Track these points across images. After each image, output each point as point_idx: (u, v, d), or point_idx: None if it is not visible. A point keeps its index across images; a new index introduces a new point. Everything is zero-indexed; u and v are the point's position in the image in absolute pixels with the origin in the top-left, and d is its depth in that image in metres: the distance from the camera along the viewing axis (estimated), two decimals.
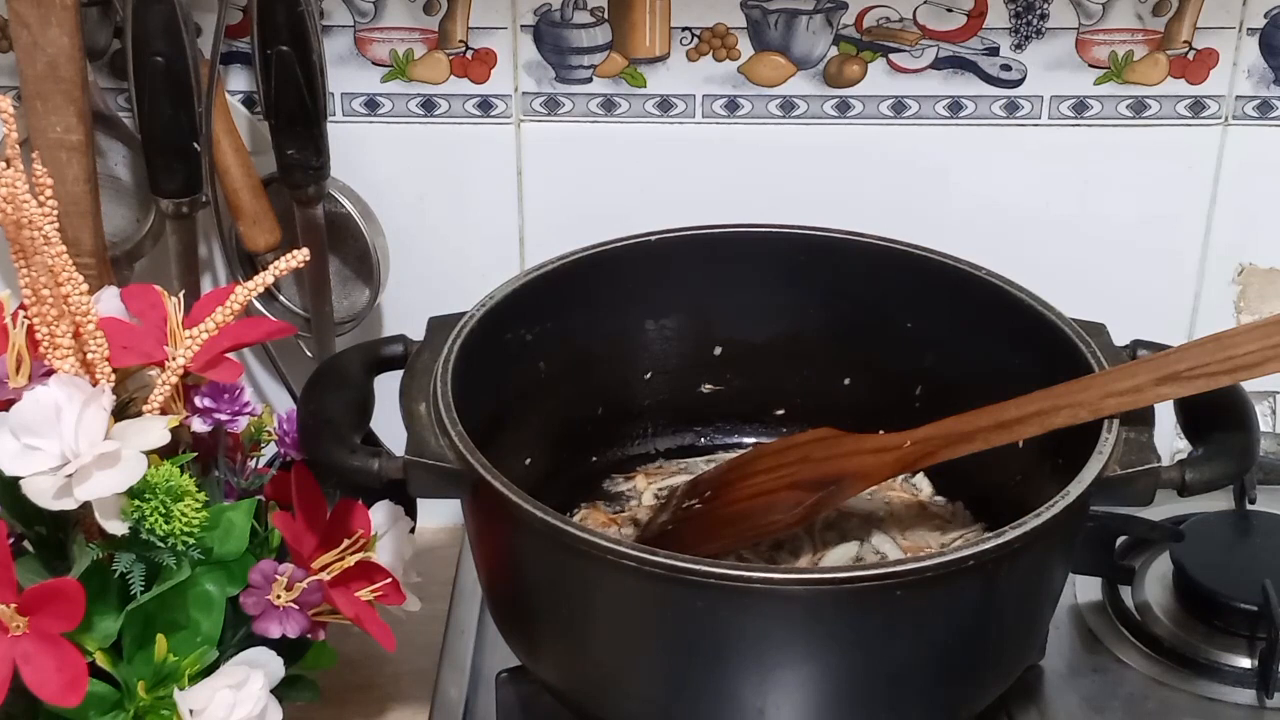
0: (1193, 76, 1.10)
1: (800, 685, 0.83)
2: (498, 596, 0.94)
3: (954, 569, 0.78)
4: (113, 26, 1.04)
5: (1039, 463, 0.92)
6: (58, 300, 0.82)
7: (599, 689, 0.89)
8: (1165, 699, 1.00)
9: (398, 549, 0.93)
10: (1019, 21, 1.08)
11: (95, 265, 1.02)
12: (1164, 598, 1.06)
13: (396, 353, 0.96)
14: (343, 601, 0.87)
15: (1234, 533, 1.10)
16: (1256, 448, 0.91)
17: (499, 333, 0.97)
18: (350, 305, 1.15)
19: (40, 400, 0.79)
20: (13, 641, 0.77)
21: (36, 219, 0.80)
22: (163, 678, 0.82)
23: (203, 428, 0.88)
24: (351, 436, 0.89)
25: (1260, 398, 1.18)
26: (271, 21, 1.02)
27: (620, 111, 1.11)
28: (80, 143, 1.00)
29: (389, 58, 1.10)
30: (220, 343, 0.87)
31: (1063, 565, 0.91)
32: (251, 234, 1.09)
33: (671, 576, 0.78)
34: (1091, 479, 0.83)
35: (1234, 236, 1.14)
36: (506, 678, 0.98)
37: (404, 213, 1.13)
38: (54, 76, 0.98)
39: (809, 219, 1.05)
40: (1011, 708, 0.98)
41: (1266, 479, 1.14)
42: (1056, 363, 0.93)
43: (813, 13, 1.08)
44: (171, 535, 0.80)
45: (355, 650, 0.96)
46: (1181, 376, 0.86)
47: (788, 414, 1.10)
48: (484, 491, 0.83)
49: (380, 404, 0.95)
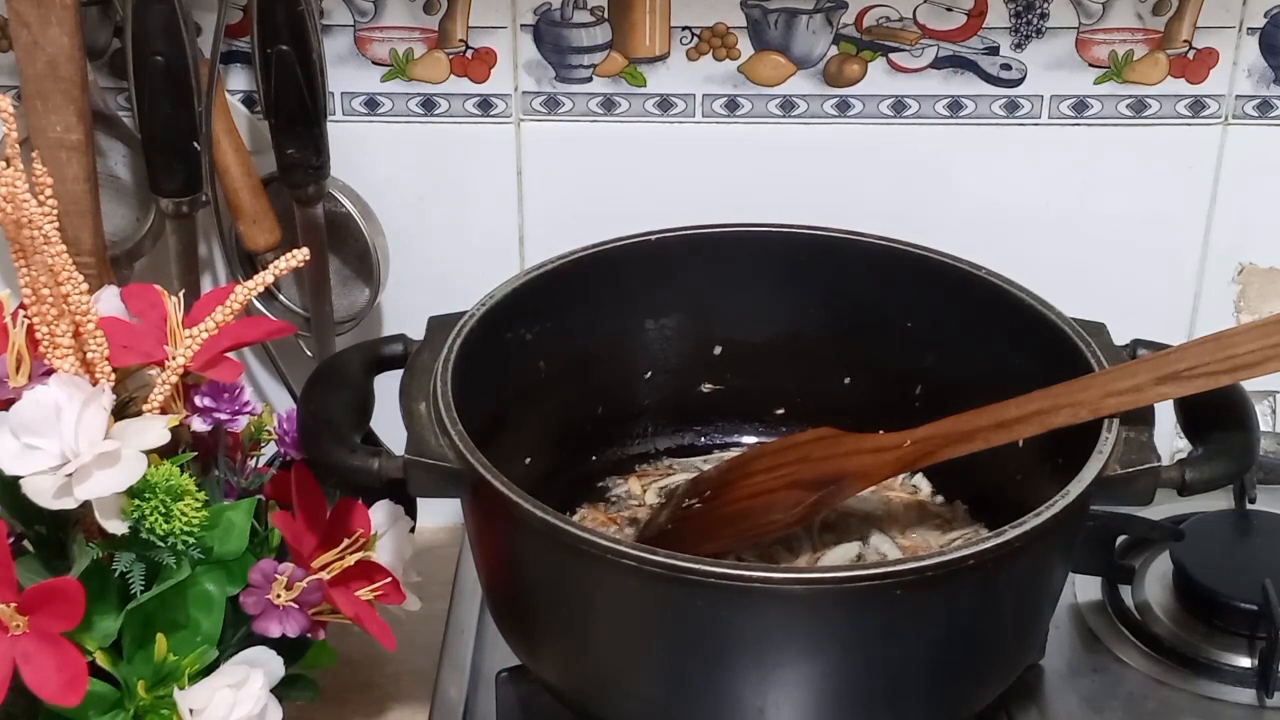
0: (1193, 76, 1.10)
1: (800, 685, 0.83)
2: (498, 596, 0.94)
3: (954, 569, 0.78)
4: (112, 26, 1.04)
5: (1039, 462, 0.92)
6: (58, 300, 0.82)
7: (599, 689, 0.89)
8: (1165, 699, 1.00)
9: (398, 548, 0.93)
10: (1019, 21, 1.08)
11: (95, 265, 1.02)
12: (1164, 597, 1.06)
13: (396, 352, 0.96)
14: (342, 601, 0.87)
15: (1234, 532, 1.10)
16: (1256, 447, 0.91)
17: (499, 332, 0.97)
18: (350, 305, 1.14)
19: (40, 400, 0.79)
20: (13, 641, 0.77)
21: (36, 218, 0.80)
22: (163, 677, 0.82)
23: (202, 427, 0.88)
24: (351, 436, 0.89)
25: (1260, 397, 1.18)
26: (271, 21, 1.02)
27: (620, 111, 1.11)
28: (80, 142, 1.00)
29: (389, 57, 1.10)
30: (220, 342, 0.87)
31: (1063, 565, 0.91)
32: (251, 233, 1.09)
33: (671, 576, 0.78)
34: (1091, 478, 0.83)
35: (1234, 236, 1.14)
36: (506, 677, 0.98)
37: (404, 212, 1.13)
38: (54, 76, 0.98)
39: (809, 219, 1.05)
40: (1011, 707, 0.98)
41: (1266, 479, 1.14)
42: (1056, 362, 0.92)
43: (813, 12, 1.08)
44: (171, 535, 0.80)
45: (355, 650, 0.96)
46: (1181, 376, 0.86)
47: (788, 414, 1.10)
48: (484, 491, 0.83)
49: (380, 404, 0.95)
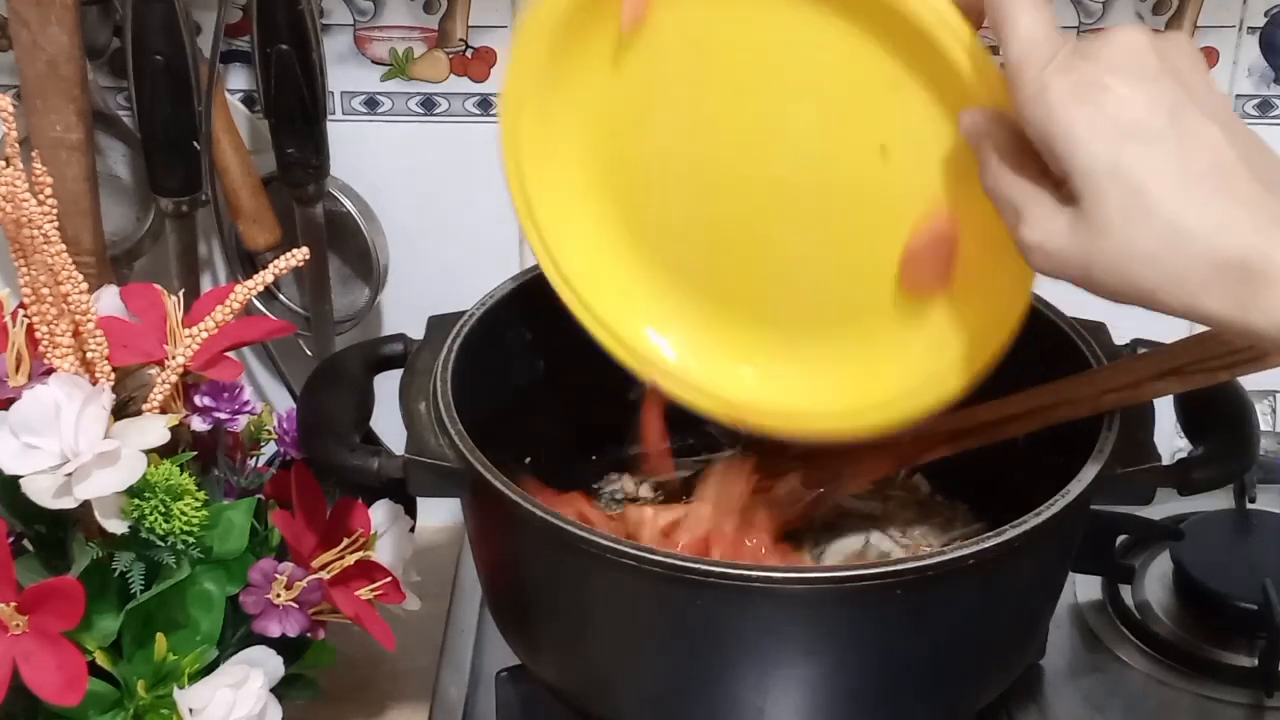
0: None
1: (800, 684, 0.83)
2: (498, 595, 0.94)
3: (954, 568, 0.78)
4: (112, 25, 1.04)
5: (1039, 461, 0.92)
6: (57, 299, 0.82)
7: (599, 689, 0.89)
8: (1165, 698, 1.00)
9: (397, 548, 0.93)
10: None
11: (95, 264, 1.02)
12: (1164, 597, 1.06)
13: (396, 352, 0.96)
14: (342, 600, 0.87)
15: (1234, 532, 1.10)
16: (1256, 446, 0.91)
17: (499, 332, 0.97)
18: (350, 304, 1.15)
19: (40, 399, 0.79)
20: (12, 640, 0.77)
21: (36, 218, 0.80)
22: (162, 676, 0.82)
23: (202, 426, 0.88)
24: (351, 435, 0.89)
25: (1260, 396, 1.18)
26: (271, 20, 1.02)
27: None
28: (80, 141, 1.00)
29: (389, 56, 1.09)
30: (220, 341, 0.87)
31: (1063, 564, 0.91)
32: (251, 233, 1.09)
33: (671, 576, 0.78)
34: (1092, 478, 0.83)
35: None
36: (506, 677, 0.98)
37: (404, 212, 1.13)
38: (54, 75, 0.98)
39: None
40: (1011, 707, 0.98)
41: (1266, 478, 1.14)
42: (1056, 361, 0.92)
43: None
44: (171, 534, 0.80)
45: (355, 649, 0.96)
46: (1180, 372, 0.86)
47: None
48: (484, 490, 0.83)
49: (380, 403, 0.95)
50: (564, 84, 0.83)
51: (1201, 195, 0.60)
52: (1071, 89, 0.62)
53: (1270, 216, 0.59)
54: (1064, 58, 0.63)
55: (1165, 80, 0.62)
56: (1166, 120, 0.61)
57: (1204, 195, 0.60)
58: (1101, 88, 0.62)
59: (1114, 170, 0.61)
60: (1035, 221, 0.64)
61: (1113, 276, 0.62)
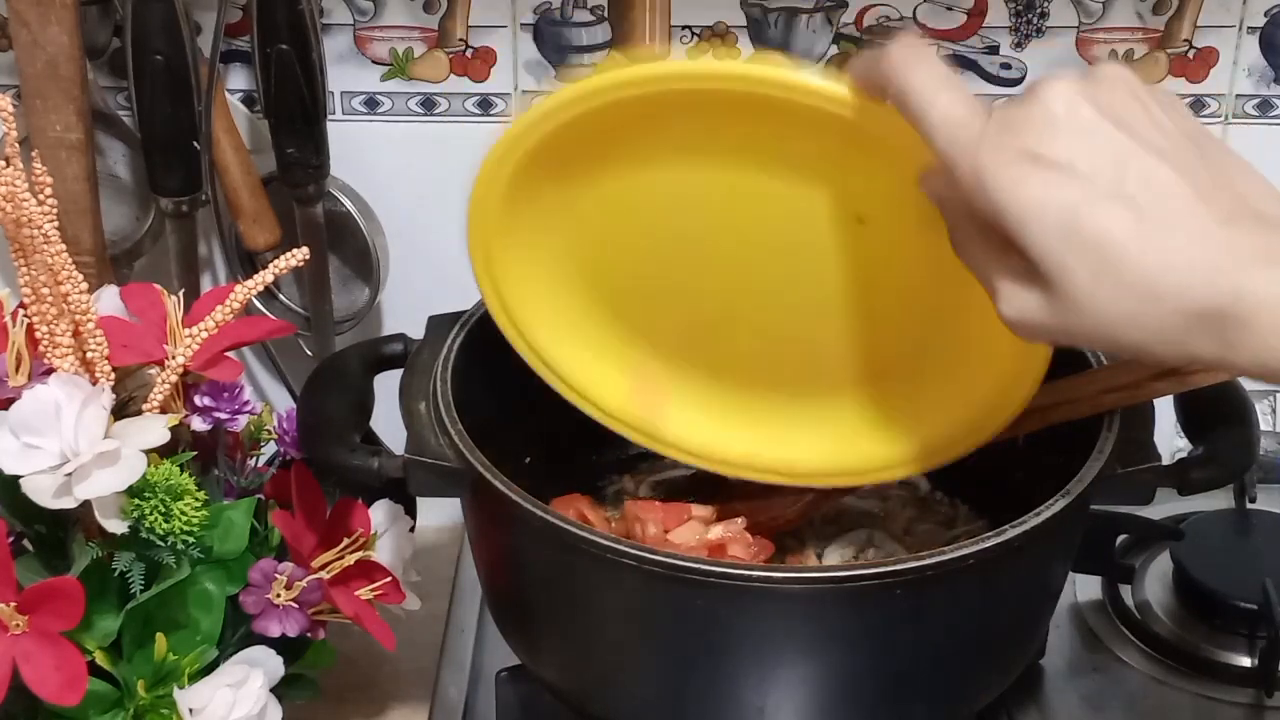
0: (1193, 75, 1.10)
1: (800, 684, 0.83)
2: (498, 595, 0.94)
3: (954, 568, 0.78)
4: (112, 25, 1.04)
5: (1039, 460, 0.92)
6: (57, 299, 0.82)
7: (599, 689, 0.89)
8: (1165, 698, 1.00)
9: (397, 548, 0.93)
10: (1019, 20, 1.08)
11: (95, 264, 1.02)
12: (1164, 597, 1.06)
13: (396, 351, 0.96)
14: (342, 600, 0.87)
15: (1234, 532, 1.10)
16: (1256, 446, 0.91)
17: (499, 331, 0.97)
18: (350, 304, 1.15)
19: (40, 399, 0.79)
20: (12, 640, 0.77)
21: (36, 217, 0.80)
22: (162, 676, 0.82)
23: (202, 426, 0.88)
24: (351, 435, 0.89)
25: (1260, 396, 1.18)
26: (271, 20, 1.02)
27: None
28: (80, 141, 1.00)
29: (389, 56, 1.10)
30: (220, 341, 0.87)
31: (1063, 564, 0.91)
32: (251, 232, 1.09)
33: (671, 576, 0.78)
34: (1092, 477, 0.83)
35: None
36: (506, 677, 0.97)
37: (404, 212, 1.13)
38: (53, 75, 0.98)
39: None
40: (1011, 707, 0.98)
41: (1266, 478, 1.14)
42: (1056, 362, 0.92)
43: (813, 11, 1.08)
44: (171, 534, 0.80)
45: (355, 649, 0.96)
46: (1180, 372, 0.86)
47: None
48: (484, 490, 0.83)
49: (380, 403, 0.94)
50: (530, 203, 0.83)
51: (1163, 245, 0.58)
52: (1006, 169, 0.60)
53: (1234, 253, 0.58)
54: (993, 135, 0.61)
55: (1103, 130, 0.60)
56: (1112, 174, 0.59)
57: (1166, 245, 0.58)
58: (1035, 160, 0.59)
59: (1069, 244, 0.59)
60: (1008, 297, 0.62)
61: (1098, 340, 0.61)
